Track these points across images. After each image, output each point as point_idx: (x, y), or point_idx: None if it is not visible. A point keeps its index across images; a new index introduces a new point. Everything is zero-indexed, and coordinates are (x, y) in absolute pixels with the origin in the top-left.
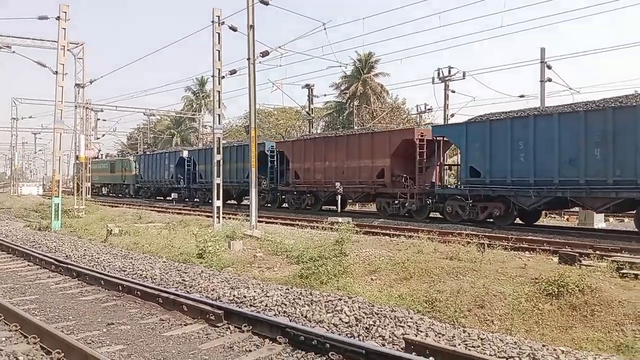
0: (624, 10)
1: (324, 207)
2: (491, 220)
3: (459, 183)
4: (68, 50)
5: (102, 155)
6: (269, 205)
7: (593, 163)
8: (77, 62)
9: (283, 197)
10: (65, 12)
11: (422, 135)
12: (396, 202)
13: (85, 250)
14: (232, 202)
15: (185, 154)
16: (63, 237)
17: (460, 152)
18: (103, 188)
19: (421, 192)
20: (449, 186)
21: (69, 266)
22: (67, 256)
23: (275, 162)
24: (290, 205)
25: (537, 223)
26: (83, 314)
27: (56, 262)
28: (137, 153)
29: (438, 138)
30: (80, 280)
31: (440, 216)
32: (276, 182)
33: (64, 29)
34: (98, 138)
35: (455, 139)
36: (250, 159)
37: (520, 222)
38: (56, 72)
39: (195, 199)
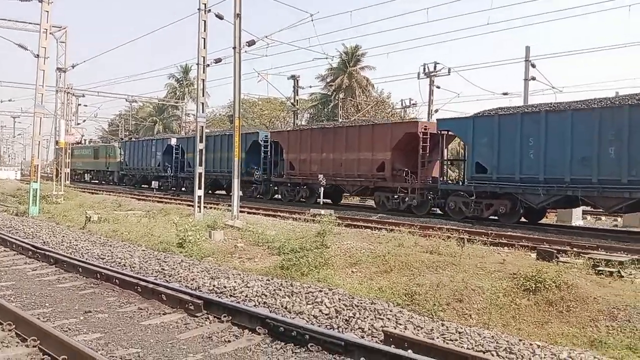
0: (607, 13)
1: (318, 200)
2: (495, 217)
3: (462, 179)
4: (50, 33)
5: (85, 140)
6: (261, 196)
7: (607, 162)
8: (59, 46)
9: (276, 188)
10: None
11: (425, 129)
12: (396, 196)
13: (63, 236)
14: (221, 192)
15: (173, 141)
16: (41, 223)
17: (466, 147)
18: (86, 174)
19: (423, 187)
20: (449, 182)
21: (47, 253)
22: (44, 242)
23: (268, 153)
24: (284, 197)
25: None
26: (60, 302)
27: (33, 249)
28: (122, 139)
29: (442, 132)
30: (57, 267)
31: (440, 212)
32: (269, 173)
33: (47, 11)
34: (79, 123)
35: (461, 133)
36: (243, 148)
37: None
38: (37, 55)
39: (182, 188)
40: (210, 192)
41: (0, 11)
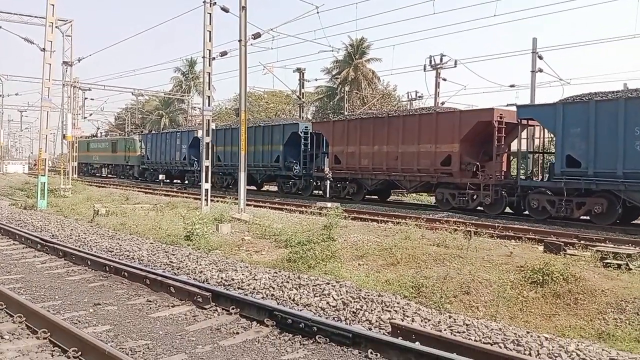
0: (615, 3)
1: (367, 197)
2: (587, 217)
3: (543, 174)
4: (56, 27)
5: (101, 134)
6: (300, 192)
7: None
8: (65, 40)
9: (316, 184)
10: None
11: (501, 117)
12: (464, 193)
13: (71, 230)
14: (251, 188)
15: (200, 133)
16: (49, 216)
17: (554, 137)
18: (103, 169)
19: (499, 183)
20: (521, 177)
21: (55, 246)
22: (53, 235)
23: (309, 145)
24: (326, 193)
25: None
26: (69, 294)
27: (42, 242)
28: (142, 132)
29: (523, 120)
30: (66, 260)
31: (511, 211)
32: (309, 167)
33: (52, 5)
34: (85, 117)
35: (548, 122)
36: (280, 141)
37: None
38: (44, 49)
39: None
40: (225, 187)
41: (6, 5)
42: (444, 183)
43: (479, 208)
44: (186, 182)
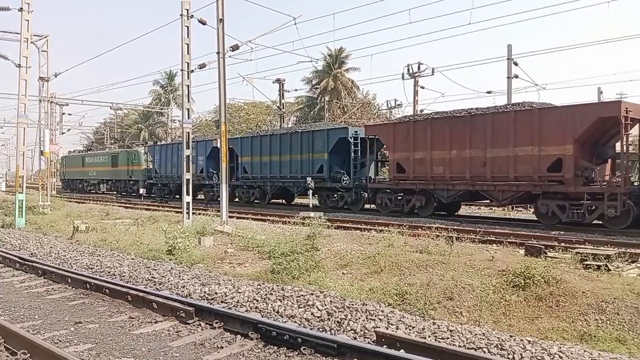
0: (587, 10)
1: (439, 211)
2: None
3: None
4: (32, 42)
5: (96, 147)
6: (348, 207)
7: None
8: (41, 55)
9: (366, 195)
10: (29, 4)
11: (627, 112)
12: (578, 205)
13: (51, 247)
14: (277, 201)
15: (219, 143)
16: (28, 234)
17: None
18: (101, 185)
19: (629, 191)
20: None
21: (34, 264)
22: (32, 254)
23: (359, 152)
24: (383, 207)
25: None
26: (50, 313)
27: (20, 260)
28: (145, 143)
29: None
30: (46, 279)
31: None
32: (359, 177)
33: (27, 20)
34: (63, 132)
35: None
36: (324, 148)
37: None
38: (19, 65)
39: (235, 199)
40: (252, 201)
41: None
42: (551, 193)
43: (611, 222)
44: (201, 197)
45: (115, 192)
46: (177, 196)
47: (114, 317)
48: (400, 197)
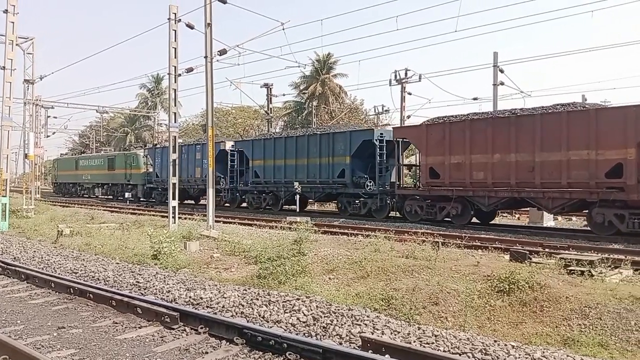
0: (571, 18)
1: (492, 222)
2: None
3: None
4: (17, 45)
5: (92, 149)
6: (372, 215)
7: None
8: (26, 58)
9: (391, 202)
10: (14, 5)
11: None
12: None
13: (34, 251)
14: (290, 207)
15: (229, 145)
16: (11, 238)
17: None
18: (96, 189)
19: None
20: None
21: (17, 268)
22: (15, 258)
23: (384, 156)
24: (412, 215)
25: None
26: (32, 318)
27: (3, 265)
28: (144, 146)
29: None
30: (29, 283)
31: None
32: (383, 182)
33: (12, 22)
34: (48, 136)
35: None
36: (346, 151)
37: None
38: (4, 67)
39: (243, 204)
40: (264, 208)
41: None
42: (608, 201)
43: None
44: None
45: (111, 197)
46: (182, 201)
47: (98, 322)
48: (432, 205)
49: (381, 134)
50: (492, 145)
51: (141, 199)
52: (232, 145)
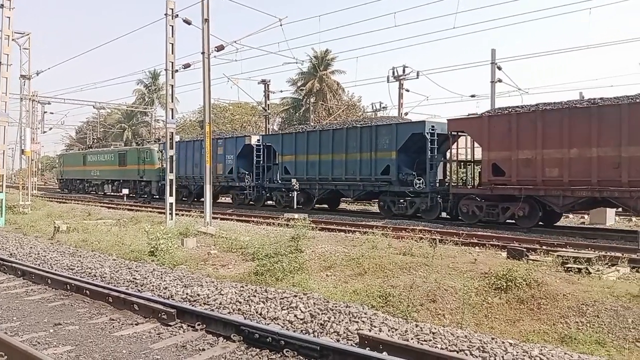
0: (569, 15)
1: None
2: None
3: None
4: (13, 40)
5: (99, 144)
6: (419, 215)
7: None
8: (22, 53)
9: (446, 202)
10: (10, 0)
11: None
12: None
13: (30, 248)
14: (322, 206)
15: (254, 140)
16: (7, 234)
17: None
18: (106, 186)
19: None
20: None
21: (13, 264)
22: (11, 254)
23: (435, 151)
24: (469, 217)
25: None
26: (28, 315)
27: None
28: (159, 140)
29: None
30: (25, 280)
31: None
32: (432, 179)
33: (8, 17)
34: (45, 131)
35: None
36: (392, 146)
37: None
38: (0, 62)
39: (269, 201)
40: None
41: None
42: None
43: None
44: (224, 199)
45: (121, 194)
46: (197, 199)
47: (95, 319)
48: (493, 205)
49: (432, 126)
50: (568, 138)
51: (155, 196)
52: (258, 140)
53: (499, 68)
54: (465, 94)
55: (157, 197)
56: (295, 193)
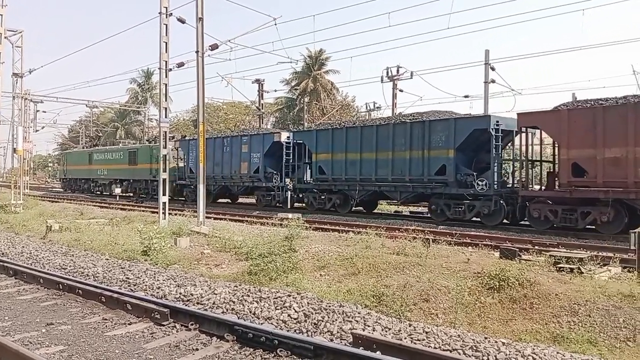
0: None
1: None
2: None
3: None
4: (5, 38)
5: (105, 142)
6: (479, 220)
7: None
8: (15, 51)
9: (501, 203)
10: None
11: None
12: None
13: (22, 247)
14: (367, 211)
15: (284, 136)
16: None
17: None
18: (114, 185)
19: None
20: None
21: (5, 264)
22: (3, 253)
23: (500, 149)
24: (540, 223)
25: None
26: (20, 314)
27: None
28: (173, 137)
29: None
30: (17, 279)
31: None
32: (496, 181)
33: (1, 15)
34: (37, 130)
35: None
36: (448, 143)
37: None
38: None
39: (304, 203)
40: (329, 209)
41: None
42: None
43: None
44: (246, 200)
45: (132, 195)
46: (220, 200)
47: (87, 319)
48: (571, 209)
49: (497, 121)
50: None
51: (169, 197)
52: (288, 137)
53: (493, 69)
54: (459, 95)
55: (172, 198)
56: (289, 192)
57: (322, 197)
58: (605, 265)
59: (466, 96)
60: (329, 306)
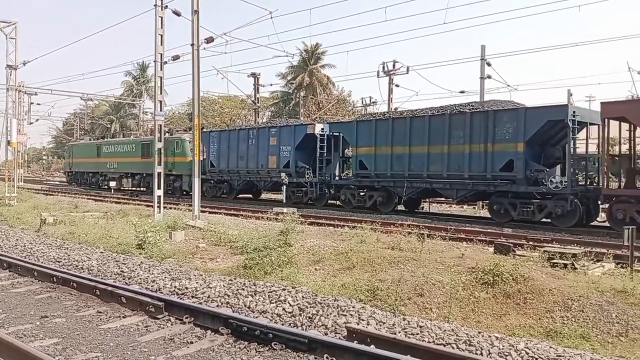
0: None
1: None
2: None
3: None
4: None
5: (115, 135)
6: (552, 221)
7: None
8: (9, 42)
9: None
10: None
11: None
12: None
13: (17, 240)
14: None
15: (318, 128)
16: None
17: None
18: (124, 179)
19: None
20: None
21: None
22: None
23: (576, 143)
24: (623, 224)
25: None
26: (15, 307)
27: None
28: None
29: None
30: (11, 272)
31: None
32: (571, 178)
33: None
34: (31, 123)
35: None
36: (516, 136)
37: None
38: None
39: (337, 200)
40: (370, 207)
41: None
42: None
43: None
44: (274, 196)
45: (144, 189)
46: (244, 195)
47: (82, 312)
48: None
49: (574, 112)
50: None
51: (185, 192)
52: (323, 129)
53: (489, 64)
54: (455, 90)
55: (187, 192)
56: (284, 187)
57: (362, 194)
58: (598, 261)
59: (462, 92)
60: (324, 300)
